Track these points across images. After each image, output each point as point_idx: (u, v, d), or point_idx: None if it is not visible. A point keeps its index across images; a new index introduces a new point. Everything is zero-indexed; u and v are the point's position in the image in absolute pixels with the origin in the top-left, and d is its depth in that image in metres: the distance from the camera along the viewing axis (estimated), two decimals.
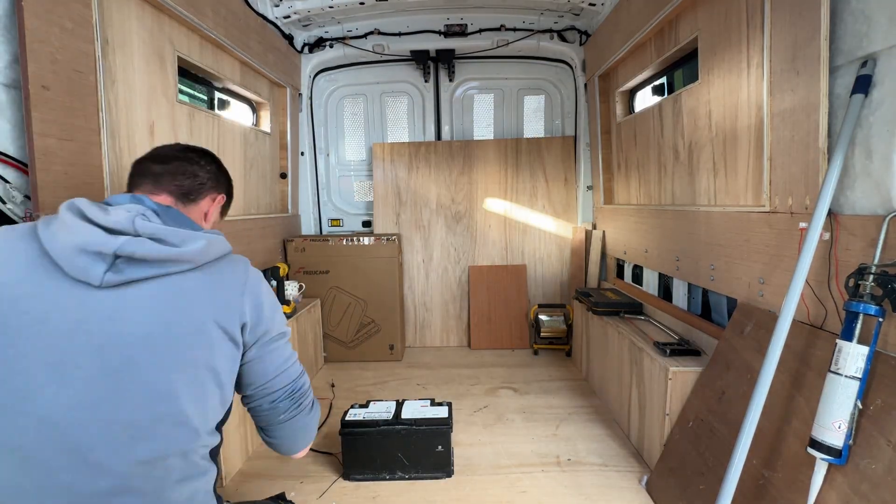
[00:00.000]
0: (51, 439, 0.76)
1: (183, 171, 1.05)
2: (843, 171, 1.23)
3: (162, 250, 0.84)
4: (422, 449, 1.85)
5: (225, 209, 1.21)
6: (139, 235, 0.84)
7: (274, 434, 1.06)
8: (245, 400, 1.06)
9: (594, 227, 3.31)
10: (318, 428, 2.21)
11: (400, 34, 3.27)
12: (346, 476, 1.86)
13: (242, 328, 0.94)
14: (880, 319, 1.10)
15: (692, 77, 2.11)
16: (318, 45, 3.34)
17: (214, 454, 0.97)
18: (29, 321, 0.78)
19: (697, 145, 2.03)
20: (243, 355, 0.97)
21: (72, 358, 0.78)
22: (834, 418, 1.09)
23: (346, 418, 1.89)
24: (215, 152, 1.19)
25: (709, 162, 1.94)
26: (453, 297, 3.52)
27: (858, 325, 1.12)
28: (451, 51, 3.35)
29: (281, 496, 1.64)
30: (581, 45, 3.26)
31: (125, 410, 0.80)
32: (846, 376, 1.09)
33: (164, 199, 1.00)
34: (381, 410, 1.94)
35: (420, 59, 3.41)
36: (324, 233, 3.67)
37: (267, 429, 1.06)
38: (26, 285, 0.80)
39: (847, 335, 1.13)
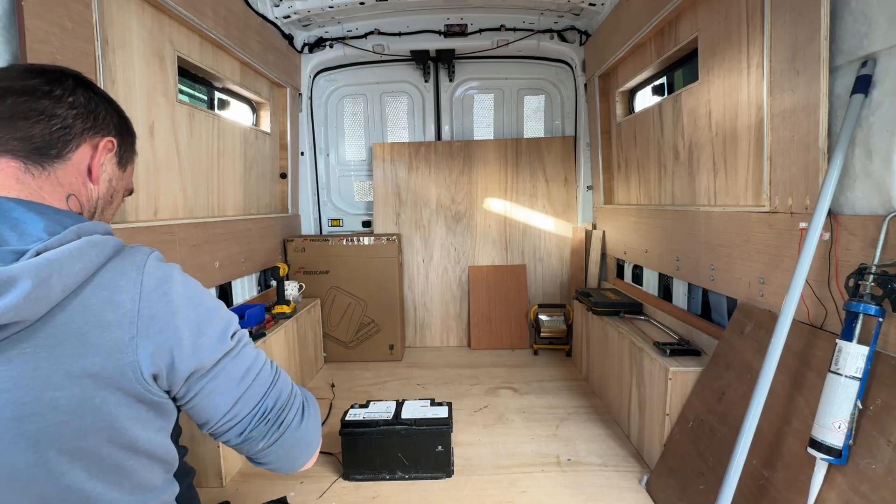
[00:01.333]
0: None
1: (25, 112, 0.67)
2: (843, 171, 1.23)
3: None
4: (422, 449, 1.85)
5: (125, 158, 0.82)
6: None
7: (264, 459, 0.80)
8: (210, 434, 0.77)
9: (594, 227, 3.31)
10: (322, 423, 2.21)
11: (400, 34, 3.27)
12: (346, 476, 1.86)
13: (155, 378, 0.65)
14: (880, 319, 1.10)
15: (692, 77, 2.11)
16: (318, 45, 3.34)
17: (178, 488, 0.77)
18: None
19: (697, 145, 2.03)
20: (175, 399, 0.71)
21: None
22: (834, 418, 1.09)
23: (346, 418, 1.89)
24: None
25: (709, 162, 1.94)
26: (453, 297, 3.52)
27: (858, 325, 1.12)
28: (451, 51, 3.35)
29: (282, 500, 1.64)
30: (581, 45, 3.26)
31: None
32: (846, 376, 1.09)
33: (5, 171, 0.65)
34: (381, 410, 1.94)
35: (420, 59, 3.41)
36: (324, 233, 3.67)
37: (252, 458, 0.80)
38: None
39: (847, 335, 1.13)
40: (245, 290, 2.69)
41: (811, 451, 1.12)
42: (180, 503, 0.81)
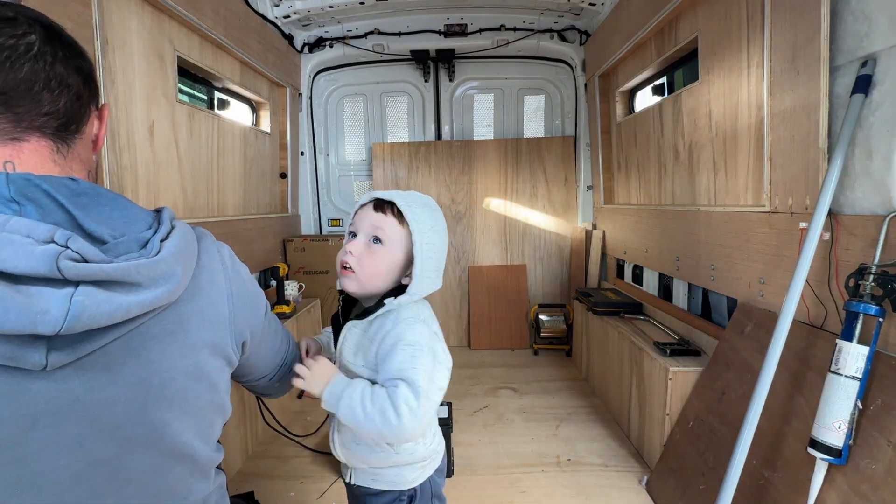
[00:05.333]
0: None
1: (47, 81, 0.57)
2: (843, 171, 1.23)
3: (122, 306, 0.52)
4: None
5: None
6: (66, 280, 0.50)
7: (274, 393, 1.00)
8: (244, 383, 0.93)
9: (594, 227, 3.31)
10: (322, 423, 2.23)
11: (400, 34, 3.27)
12: None
13: (243, 346, 0.74)
14: (880, 319, 1.10)
15: (692, 77, 2.11)
16: (317, 44, 3.34)
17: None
18: None
19: (697, 145, 2.02)
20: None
21: (33, 457, 0.52)
22: (834, 418, 1.09)
23: None
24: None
25: (709, 162, 1.94)
26: (453, 297, 3.51)
27: (858, 325, 1.12)
28: (451, 51, 3.34)
29: (249, 495, 1.63)
30: (581, 44, 3.26)
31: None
32: (846, 376, 1.09)
33: (39, 152, 0.58)
34: None
35: (420, 58, 3.41)
36: (324, 233, 3.67)
37: (262, 393, 1.00)
38: None
39: (847, 335, 1.13)
40: None
41: (811, 451, 1.12)
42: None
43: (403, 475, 1.00)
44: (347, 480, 1.05)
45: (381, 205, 0.94)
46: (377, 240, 0.93)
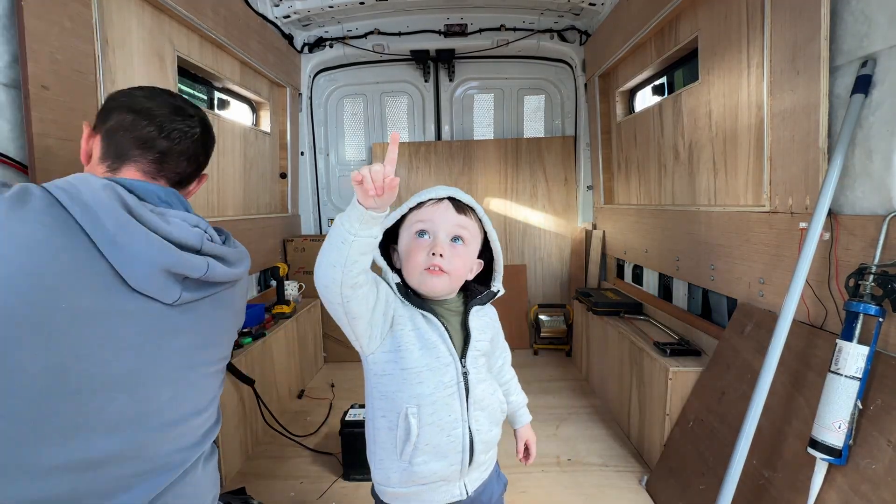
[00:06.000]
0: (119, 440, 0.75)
1: (189, 155, 0.92)
2: (843, 171, 1.23)
3: (227, 273, 0.87)
4: None
5: None
6: (201, 252, 0.83)
7: None
8: None
9: (594, 227, 3.31)
10: (322, 424, 2.23)
11: (400, 34, 3.27)
12: (346, 476, 1.86)
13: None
14: (880, 319, 1.10)
15: (692, 77, 2.11)
16: (317, 44, 3.34)
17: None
18: (81, 327, 0.71)
19: (697, 145, 2.02)
20: None
21: (141, 367, 0.77)
22: (834, 418, 1.09)
23: (346, 418, 1.89)
24: (215, 152, 1.09)
25: (709, 162, 1.94)
26: None
27: (858, 325, 1.12)
28: (451, 51, 3.34)
29: (241, 490, 1.64)
30: (581, 44, 3.26)
31: (180, 412, 0.83)
32: (846, 376, 1.09)
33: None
34: None
35: (420, 58, 3.41)
36: (324, 233, 3.67)
37: None
38: (78, 288, 0.71)
39: (847, 335, 1.13)
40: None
41: (811, 451, 1.12)
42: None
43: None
44: (467, 495, 1.00)
45: (462, 206, 0.97)
46: (458, 239, 0.96)
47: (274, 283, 2.68)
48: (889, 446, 1.01)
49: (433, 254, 0.91)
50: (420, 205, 0.96)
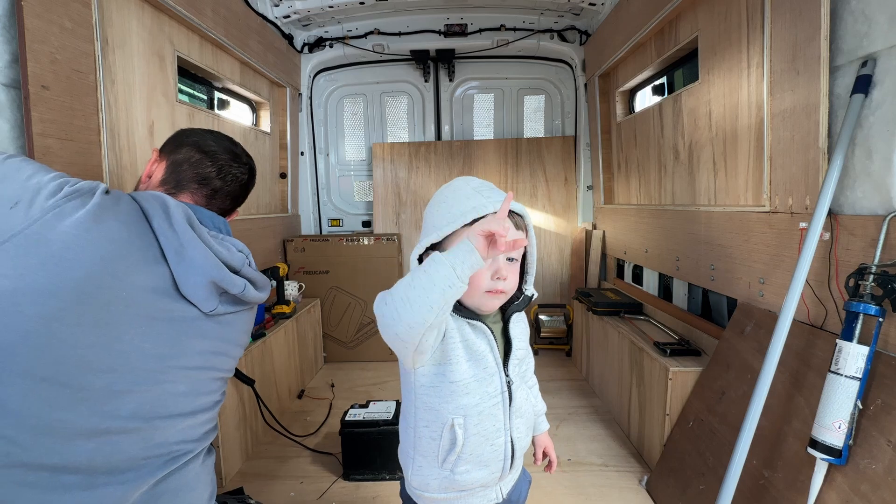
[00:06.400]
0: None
1: (234, 196, 1.11)
2: (843, 171, 1.23)
3: (256, 296, 1.01)
4: None
5: None
6: (240, 274, 0.98)
7: None
8: None
9: (594, 227, 3.31)
10: (322, 424, 2.23)
11: (400, 34, 3.27)
12: (346, 476, 1.86)
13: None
14: (880, 319, 1.10)
15: (692, 77, 2.11)
16: (317, 44, 3.34)
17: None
18: (134, 314, 0.85)
19: (697, 145, 2.02)
20: None
21: (169, 361, 0.89)
22: (834, 418, 1.09)
23: (346, 418, 1.89)
24: None
25: (709, 162, 1.94)
26: None
27: (858, 325, 1.12)
28: (451, 51, 3.34)
29: (239, 490, 1.65)
30: (581, 44, 3.26)
31: (190, 406, 0.94)
32: (846, 376, 1.09)
33: None
34: (381, 410, 1.94)
35: (420, 58, 3.41)
36: (324, 233, 3.67)
37: None
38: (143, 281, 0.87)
39: (847, 335, 1.13)
40: None
41: (811, 451, 1.12)
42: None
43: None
44: (503, 498, 1.01)
45: (516, 219, 0.93)
46: (512, 258, 0.94)
47: (274, 283, 2.68)
48: (889, 446, 1.01)
49: (497, 278, 0.89)
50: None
